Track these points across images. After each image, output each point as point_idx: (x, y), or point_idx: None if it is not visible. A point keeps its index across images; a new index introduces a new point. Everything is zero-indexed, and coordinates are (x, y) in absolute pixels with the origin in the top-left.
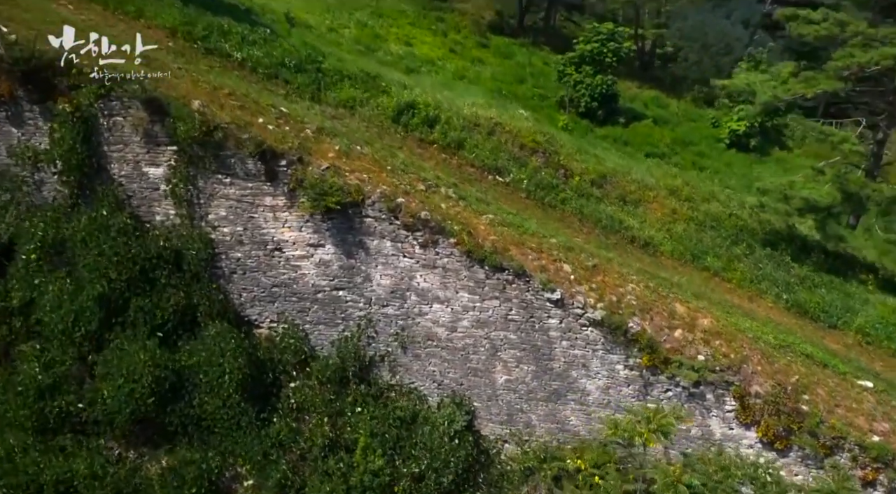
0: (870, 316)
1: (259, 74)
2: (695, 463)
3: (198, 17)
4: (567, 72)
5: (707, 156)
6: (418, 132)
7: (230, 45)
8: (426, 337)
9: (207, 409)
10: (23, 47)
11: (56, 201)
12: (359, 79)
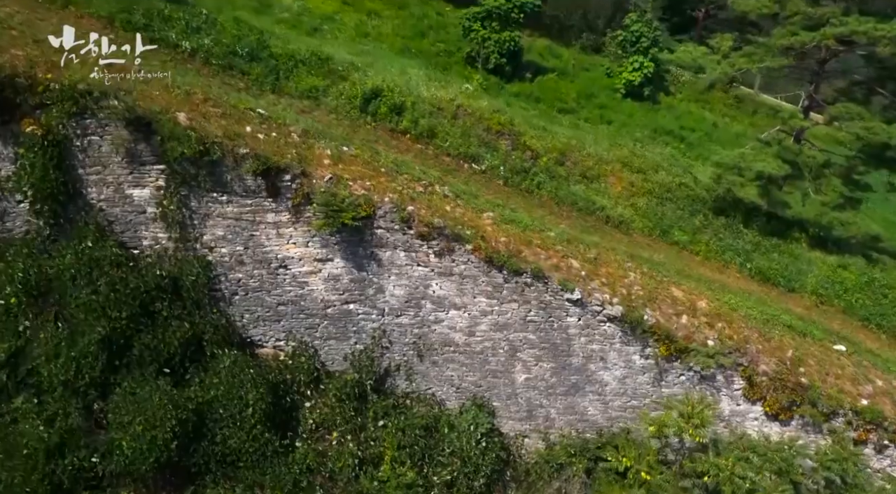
0: (818, 276)
1: (213, 66)
2: (728, 449)
3: (134, 2)
4: (474, 27)
5: (609, 108)
6: (387, 121)
7: (176, 34)
8: (443, 343)
9: (232, 445)
10: None
11: (29, 234)
12: (313, 63)
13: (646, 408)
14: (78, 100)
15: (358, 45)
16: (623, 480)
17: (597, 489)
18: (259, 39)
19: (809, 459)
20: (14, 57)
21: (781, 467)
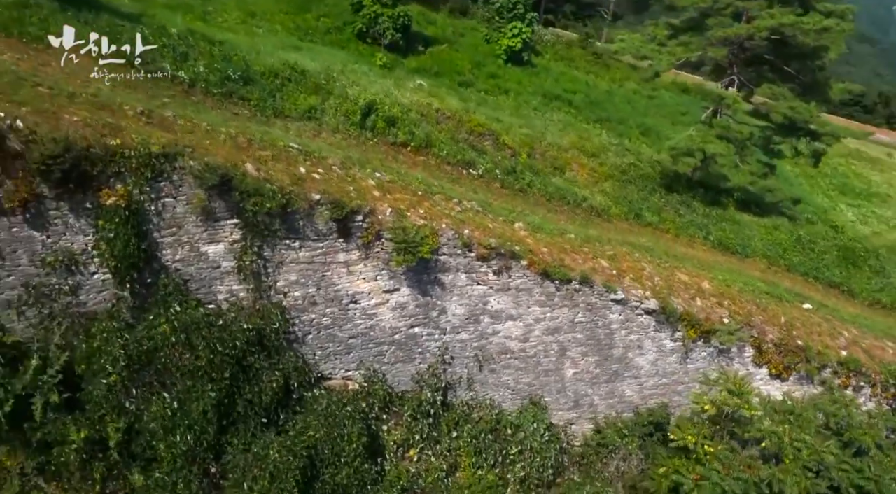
0: (762, 239)
1: (215, 96)
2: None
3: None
4: (364, 3)
5: (500, 77)
6: (385, 135)
7: (170, 64)
8: (500, 352)
9: (339, 480)
10: (48, 142)
11: (114, 306)
12: (296, 79)
13: (696, 391)
14: (154, 164)
15: (254, 27)
16: (684, 454)
17: (659, 463)
18: (241, 58)
19: (823, 411)
20: (73, 124)
21: (805, 421)
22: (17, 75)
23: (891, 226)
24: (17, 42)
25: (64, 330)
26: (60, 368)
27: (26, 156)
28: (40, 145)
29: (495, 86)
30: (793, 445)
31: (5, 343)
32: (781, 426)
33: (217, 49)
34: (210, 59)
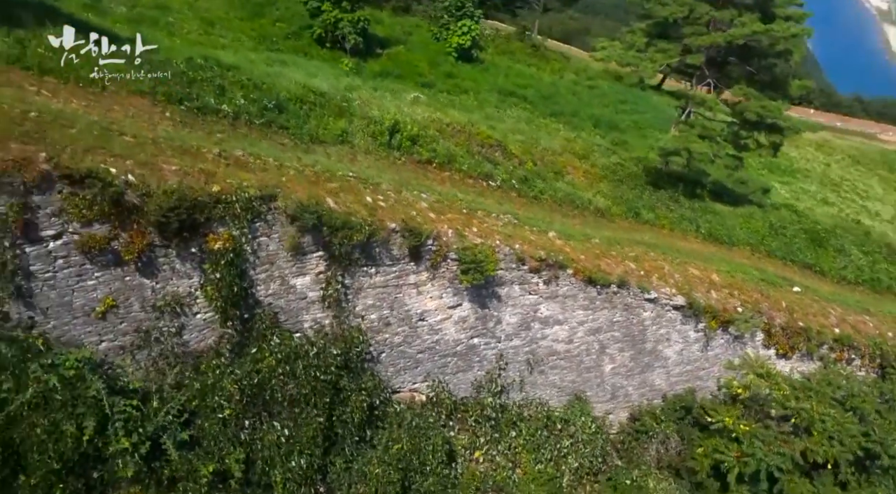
0: (741, 228)
1: (257, 127)
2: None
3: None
4: (323, 8)
5: (457, 76)
6: (409, 154)
7: (214, 98)
8: (548, 354)
9: (429, 488)
10: (162, 195)
11: (220, 344)
12: (318, 102)
13: (727, 377)
14: (254, 207)
15: (219, 38)
16: (719, 434)
17: (696, 444)
18: (266, 84)
19: (832, 384)
20: (174, 173)
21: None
22: (99, 125)
23: (818, 199)
24: (73, 87)
25: (177, 370)
26: (180, 406)
27: (143, 210)
28: (156, 198)
29: (454, 86)
30: (822, 421)
31: (130, 388)
32: (808, 402)
33: (232, 75)
34: (243, 89)
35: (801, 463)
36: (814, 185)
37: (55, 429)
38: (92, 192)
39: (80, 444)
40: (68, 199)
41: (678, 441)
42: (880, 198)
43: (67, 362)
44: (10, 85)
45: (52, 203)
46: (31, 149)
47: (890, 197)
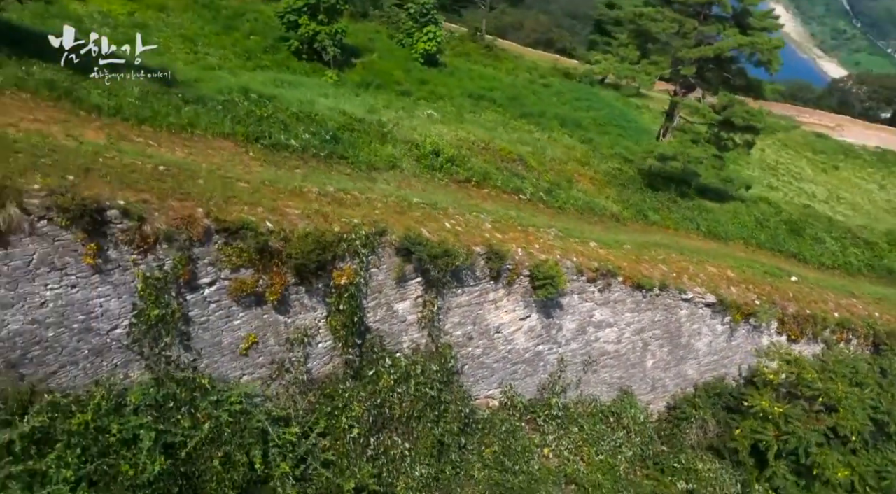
0: (733, 224)
1: (322, 160)
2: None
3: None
4: (301, 22)
5: (429, 82)
6: (451, 174)
7: (285, 135)
8: (600, 354)
9: (520, 484)
10: (299, 239)
11: (343, 370)
12: (359, 128)
13: (758, 363)
14: (370, 242)
15: (206, 56)
16: (753, 416)
17: (735, 426)
18: (320, 115)
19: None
20: (298, 216)
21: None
22: (216, 174)
23: (765, 185)
24: (167, 134)
25: (310, 396)
26: (323, 430)
27: (282, 253)
28: (295, 242)
29: (430, 93)
30: (847, 398)
31: (275, 416)
32: (832, 382)
33: (273, 105)
34: (301, 122)
35: (831, 437)
36: (756, 171)
37: (228, 460)
38: (243, 241)
39: (250, 472)
40: (222, 249)
41: (715, 425)
42: (812, 180)
43: (232, 397)
44: (124, 138)
45: (210, 253)
46: (189, 205)
47: (819, 177)
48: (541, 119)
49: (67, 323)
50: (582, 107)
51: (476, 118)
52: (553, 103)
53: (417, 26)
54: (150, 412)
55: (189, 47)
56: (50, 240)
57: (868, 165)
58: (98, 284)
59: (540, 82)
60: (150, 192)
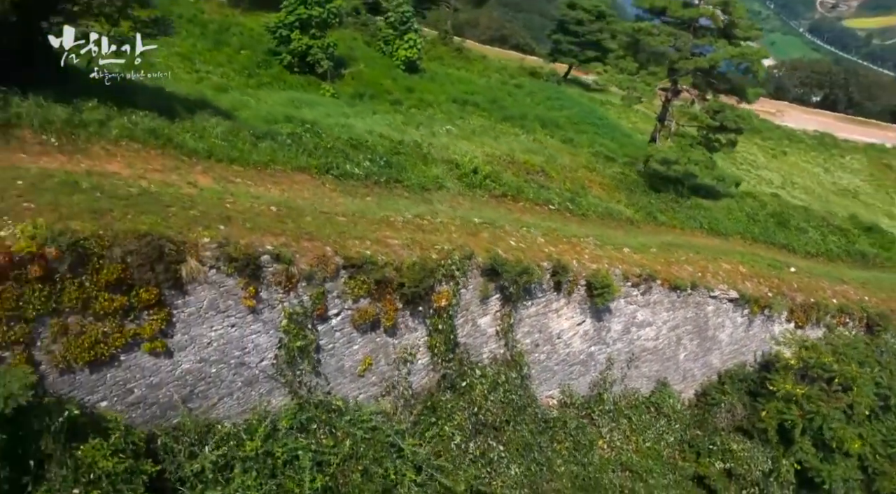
0: (729, 220)
1: (382, 185)
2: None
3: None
4: (293, 37)
5: (416, 89)
6: (488, 189)
7: (350, 165)
8: (641, 351)
9: (579, 472)
10: (409, 268)
11: (439, 384)
12: (403, 151)
13: (778, 350)
14: (463, 266)
15: (209, 75)
16: (781, 397)
17: (761, 408)
18: (365, 141)
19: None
20: (401, 247)
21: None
22: (317, 210)
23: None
24: (254, 172)
25: (413, 409)
26: (431, 438)
27: (394, 282)
28: (407, 272)
29: (419, 101)
30: (861, 377)
31: (398, 430)
32: (847, 364)
33: (329, 134)
34: (355, 149)
35: (850, 414)
36: (719, 161)
37: (366, 473)
38: (365, 274)
39: (384, 482)
40: (347, 283)
41: (742, 408)
42: (766, 167)
43: (363, 416)
44: (225, 179)
45: (337, 287)
46: (318, 245)
47: (772, 164)
48: (523, 121)
49: (226, 359)
50: (555, 107)
51: (465, 124)
52: (529, 104)
53: (397, 34)
54: (296, 434)
55: (188, 66)
56: (217, 286)
57: (811, 149)
58: (251, 322)
59: (511, 83)
60: (285, 236)
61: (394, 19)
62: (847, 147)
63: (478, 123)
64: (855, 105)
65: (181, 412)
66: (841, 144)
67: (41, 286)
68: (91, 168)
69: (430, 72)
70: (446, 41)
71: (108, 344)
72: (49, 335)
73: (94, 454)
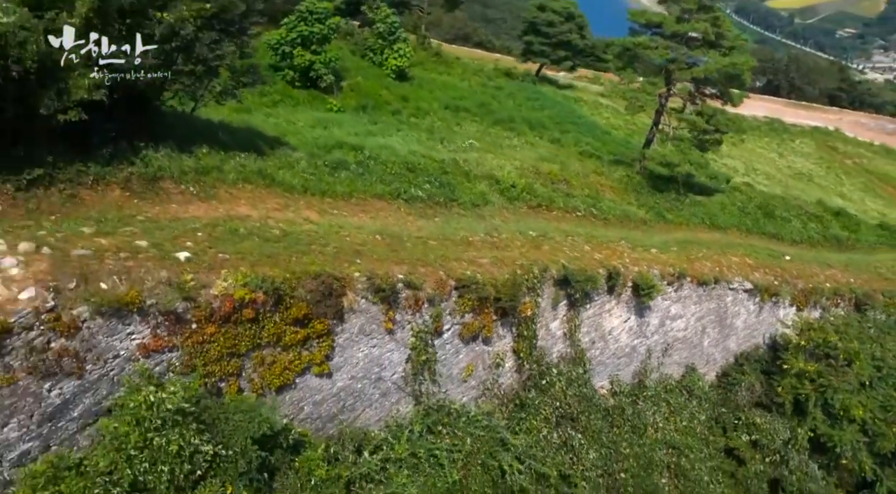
0: (725, 214)
1: (442, 205)
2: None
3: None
4: (295, 54)
5: (410, 98)
6: (526, 201)
7: (414, 188)
8: (674, 341)
9: (645, 453)
10: (503, 285)
11: (522, 383)
12: (451, 170)
13: (786, 332)
14: (543, 278)
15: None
16: (794, 374)
17: (776, 384)
18: (417, 164)
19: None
20: (490, 266)
21: (848, 336)
22: (412, 236)
23: None
24: (342, 202)
25: (510, 408)
26: (523, 432)
27: (490, 298)
28: (502, 288)
29: (417, 109)
30: (862, 351)
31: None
32: (850, 342)
33: (375, 157)
34: (412, 172)
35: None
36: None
37: (484, 466)
38: (471, 293)
39: (497, 473)
40: (457, 302)
41: (759, 386)
42: (729, 154)
43: (477, 417)
44: (328, 212)
45: (450, 306)
46: (431, 270)
47: (733, 151)
48: (512, 124)
49: (369, 375)
50: (536, 107)
51: (463, 130)
52: (513, 106)
53: (386, 43)
54: (426, 436)
55: None
56: (365, 313)
57: (763, 135)
58: (388, 342)
59: (492, 85)
60: (406, 264)
61: (382, 30)
62: (796, 131)
63: (472, 129)
64: (796, 89)
65: (336, 423)
66: (790, 129)
67: (250, 325)
68: (229, 212)
69: (419, 78)
70: (425, 46)
71: (291, 370)
72: (251, 366)
73: (309, 464)
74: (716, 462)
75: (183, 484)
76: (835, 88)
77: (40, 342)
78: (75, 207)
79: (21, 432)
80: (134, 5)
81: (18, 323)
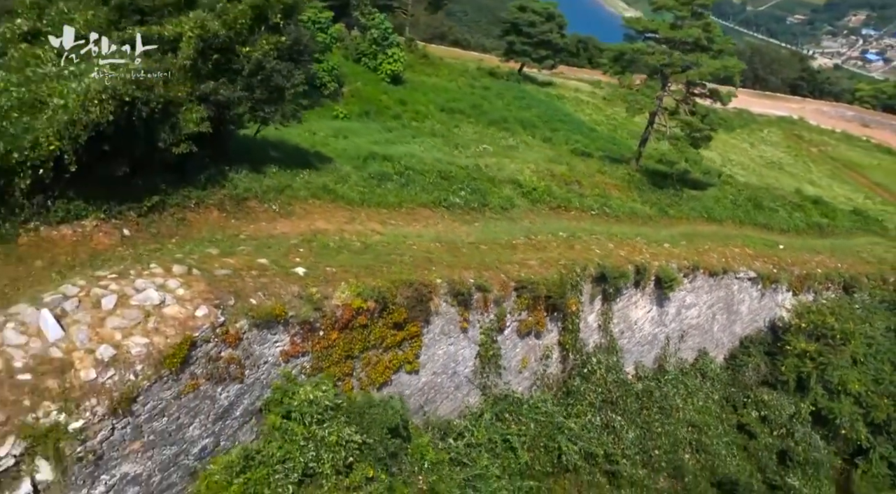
0: (720, 207)
1: (477, 210)
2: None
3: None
4: None
5: (407, 102)
6: (546, 203)
7: (451, 195)
8: (688, 328)
9: (672, 430)
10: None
11: (567, 372)
12: (476, 176)
13: (788, 316)
14: (583, 277)
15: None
16: (795, 354)
17: (781, 364)
18: (448, 172)
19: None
20: (535, 265)
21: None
22: (466, 243)
23: None
24: (394, 212)
25: (558, 395)
26: (572, 416)
27: (541, 297)
28: (552, 287)
29: (415, 113)
30: (858, 331)
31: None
32: (846, 322)
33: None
34: (442, 178)
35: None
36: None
37: (545, 448)
38: (527, 293)
39: (556, 454)
40: (515, 301)
41: (764, 366)
42: (707, 147)
43: (537, 404)
44: (386, 223)
45: (510, 305)
46: (493, 273)
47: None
48: (506, 124)
49: (446, 371)
50: (524, 106)
51: (461, 132)
52: (502, 106)
53: (380, 48)
54: (496, 422)
55: None
56: (445, 315)
57: (734, 126)
58: (462, 340)
59: (479, 86)
60: (471, 268)
61: (376, 35)
62: (763, 121)
63: (469, 130)
64: (760, 80)
65: (420, 415)
66: (757, 119)
67: (362, 330)
68: (310, 227)
69: (411, 82)
70: (412, 48)
71: (390, 368)
72: (360, 366)
73: (420, 450)
74: (730, 437)
75: (341, 469)
76: (796, 78)
77: (215, 352)
78: (186, 229)
79: (201, 430)
80: (225, 43)
81: (200, 337)
